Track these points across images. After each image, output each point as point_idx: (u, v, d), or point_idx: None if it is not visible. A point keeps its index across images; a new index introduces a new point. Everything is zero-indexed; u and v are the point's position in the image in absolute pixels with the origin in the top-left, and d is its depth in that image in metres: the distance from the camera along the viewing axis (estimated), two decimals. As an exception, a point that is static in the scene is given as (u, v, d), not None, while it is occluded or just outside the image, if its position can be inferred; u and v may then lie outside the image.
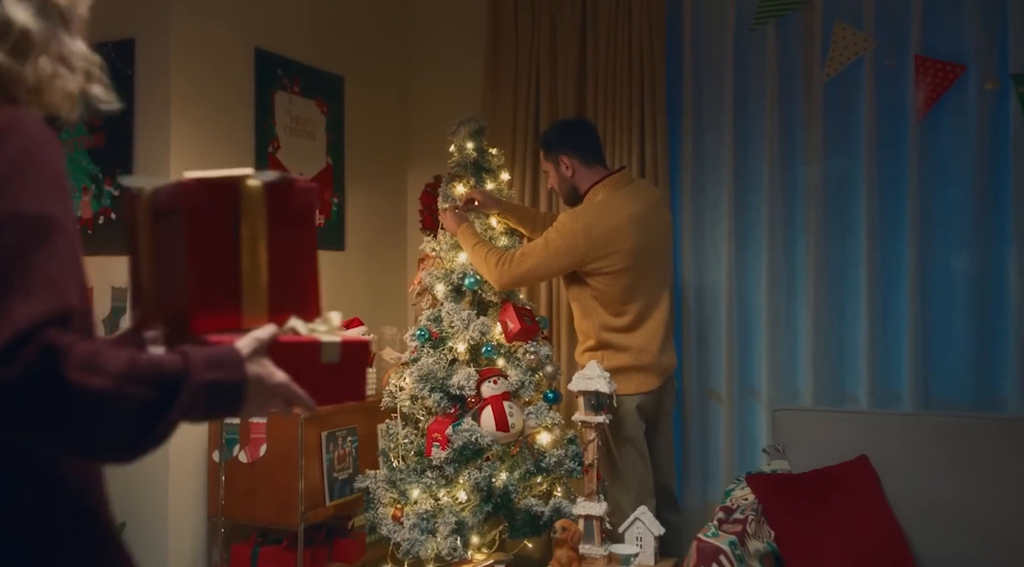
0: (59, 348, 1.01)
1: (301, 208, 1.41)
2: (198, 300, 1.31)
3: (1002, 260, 3.48)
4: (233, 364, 1.18)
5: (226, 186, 1.34)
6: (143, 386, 1.06)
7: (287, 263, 1.39)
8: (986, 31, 3.51)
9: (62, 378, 1.00)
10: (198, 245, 1.31)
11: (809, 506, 2.78)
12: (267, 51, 3.85)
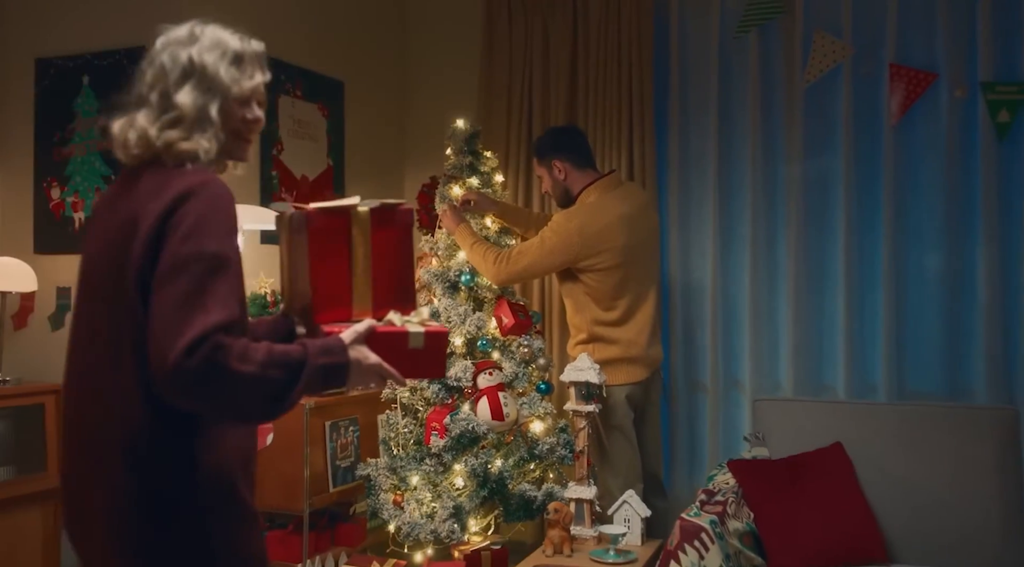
0: (224, 346, 1.43)
1: (400, 226, 1.86)
2: (320, 299, 1.77)
3: (972, 258, 3.67)
4: (339, 350, 1.59)
5: (341, 212, 1.80)
6: (278, 369, 1.48)
7: (388, 269, 1.83)
8: (957, 41, 3.70)
9: (226, 366, 1.43)
10: (320, 257, 1.78)
11: (786, 489, 2.95)
12: (271, 57, 3.98)
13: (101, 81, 3.70)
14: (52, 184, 3.80)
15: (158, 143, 1.58)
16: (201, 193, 1.53)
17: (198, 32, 1.70)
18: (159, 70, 1.65)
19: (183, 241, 1.48)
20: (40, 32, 3.84)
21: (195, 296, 1.44)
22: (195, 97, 1.62)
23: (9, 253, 3.78)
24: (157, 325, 1.44)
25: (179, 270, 1.46)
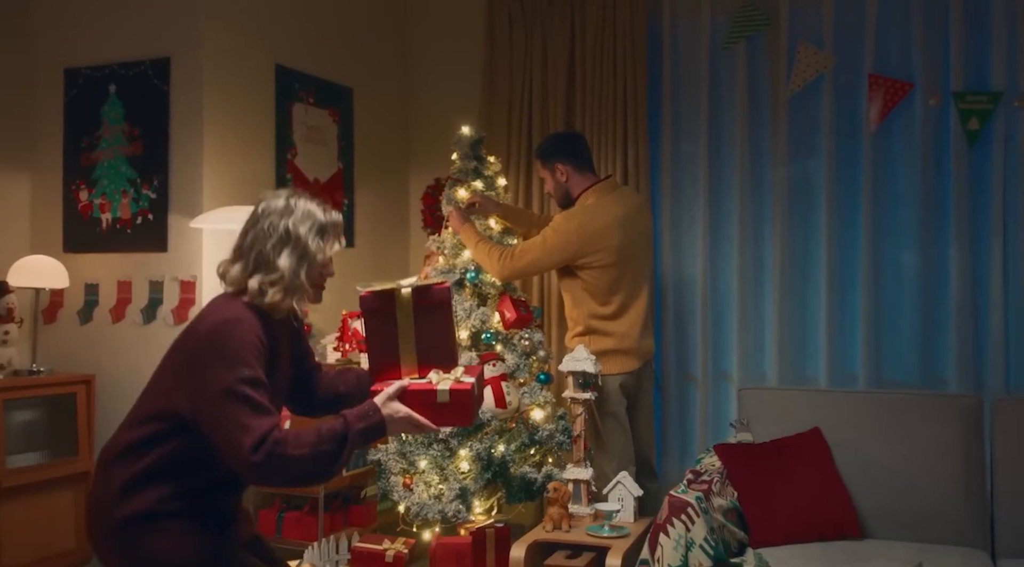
0: (280, 440, 1.89)
1: (437, 301, 2.24)
2: (373, 366, 2.24)
3: (944, 256, 3.91)
4: (373, 412, 2.04)
5: (387, 294, 2.22)
6: (327, 444, 1.95)
7: (430, 335, 2.22)
8: (931, 53, 3.93)
9: (285, 455, 1.89)
10: (373, 332, 2.24)
11: (768, 470, 3.19)
12: (286, 67, 4.24)
13: (127, 90, 3.93)
14: (80, 187, 4.03)
15: (262, 298, 2.04)
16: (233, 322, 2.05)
17: (292, 204, 2.11)
18: (260, 233, 2.08)
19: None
20: (69, 44, 4.07)
21: (249, 412, 1.93)
22: (291, 262, 2.06)
23: (39, 252, 4.02)
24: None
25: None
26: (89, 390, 3.79)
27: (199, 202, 3.78)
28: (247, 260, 2.06)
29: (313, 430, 1.96)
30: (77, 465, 3.73)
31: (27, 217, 4.14)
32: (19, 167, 4.11)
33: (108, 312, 3.95)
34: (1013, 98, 3.79)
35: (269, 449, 1.86)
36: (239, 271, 2.06)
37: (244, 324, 1.97)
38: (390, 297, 2.21)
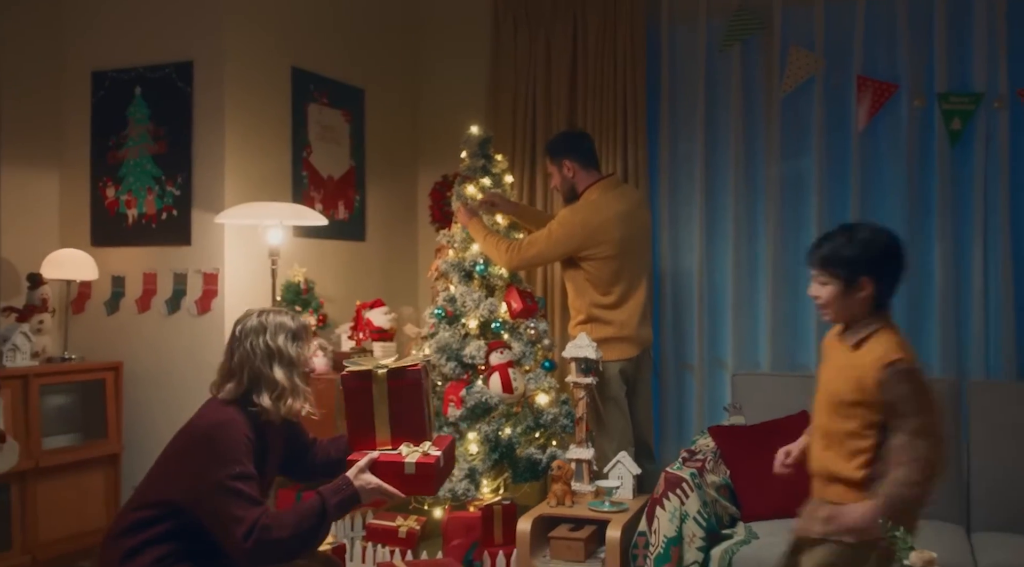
0: (267, 525, 2.16)
1: (410, 381, 2.47)
2: (351, 438, 2.49)
3: (929, 249, 4.11)
4: (346, 485, 2.31)
5: (365, 373, 2.47)
6: (307, 520, 2.22)
7: (402, 412, 2.45)
8: (916, 56, 4.12)
9: (271, 539, 2.16)
10: (351, 405, 2.47)
11: (758, 450, 3.38)
12: (302, 69, 4.44)
13: (152, 91, 4.14)
14: (107, 184, 4.24)
15: (279, 412, 2.32)
16: (227, 427, 2.30)
17: (264, 321, 2.38)
18: (244, 354, 2.33)
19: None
20: (96, 48, 4.27)
21: (236, 507, 2.20)
22: (283, 372, 2.33)
23: (68, 245, 4.22)
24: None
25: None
26: (117, 376, 4.00)
27: (221, 198, 3.99)
28: (240, 379, 2.32)
29: (292, 510, 2.26)
30: (107, 447, 3.94)
31: (56, 212, 4.35)
32: (48, 165, 4.31)
33: (134, 303, 4.16)
34: (993, 99, 3.98)
35: (258, 536, 2.14)
36: (234, 388, 2.32)
37: (236, 425, 2.25)
38: (367, 376, 2.47)
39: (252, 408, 2.30)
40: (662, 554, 3.00)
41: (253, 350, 2.33)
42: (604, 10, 4.59)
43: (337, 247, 4.66)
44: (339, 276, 4.64)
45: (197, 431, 2.28)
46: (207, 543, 2.24)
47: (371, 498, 2.37)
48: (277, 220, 3.82)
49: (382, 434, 2.45)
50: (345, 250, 4.73)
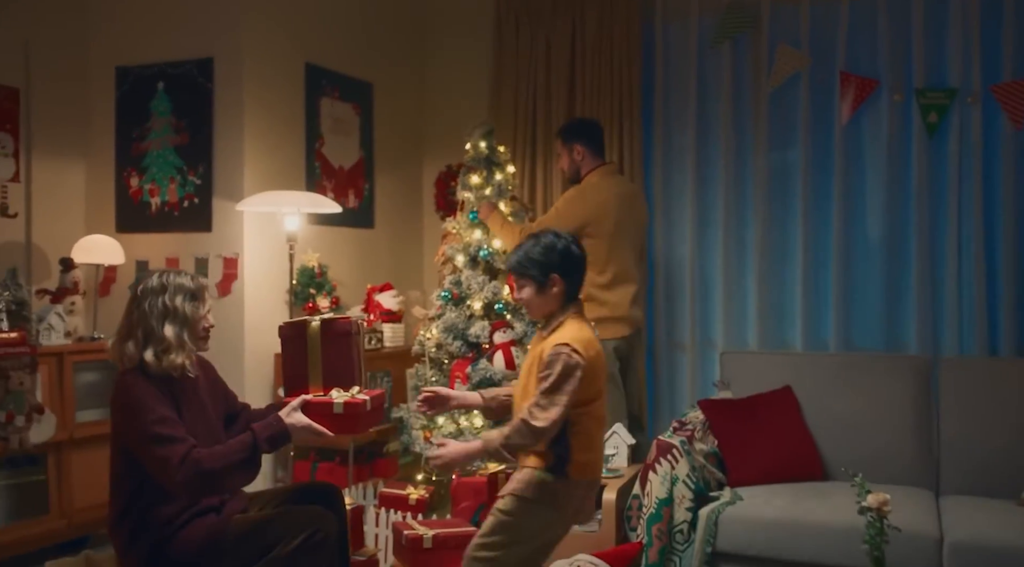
0: (196, 459, 2.37)
1: (341, 331, 2.71)
2: (287, 382, 2.71)
3: (907, 235, 4.36)
4: (277, 422, 2.55)
5: (300, 323, 2.74)
6: (238, 454, 2.45)
7: (334, 360, 2.67)
8: (895, 53, 4.37)
9: (203, 470, 2.37)
10: (287, 354, 2.73)
11: (744, 422, 3.66)
12: (315, 65, 4.68)
13: (174, 86, 4.38)
14: (131, 174, 4.48)
15: (161, 365, 2.49)
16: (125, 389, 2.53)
17: (166, 281, 2.58)
18: (139, 315, 2.54)
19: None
20: (120, 45, 4.51)
21: (160, 448, 2.42)
22: (174, 329, 2.52)
23: (94, 232, 4.47)
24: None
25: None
26: (143, 355, 4.24)
27: (240, 187, 4.23)
28: (136, 337, 2.51)
29: (225, 445, 2.47)
30: (134, 421, 4.19)
31: (82, 201, 4.59)
32: (75, 156, 4.55)
33: (157, 286, 4.40)
34: (967, 95, 4.22)
35: (189, 468, 2.35)
36: (132, 348, 2.50)
37: (138, 385, 2.46)
38: (302, 326, 2.70)
39: (156, 371, 2.50)
40: (654, 514, 3.26)
41: (150, 309, 2.52)
42: (601, 9, 4.83)
43: (348, 234, 4.90)
44: (350, 261, 4.89)
45: (113, 407, 2.52)
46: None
47: (301, 436, 2.58)
48: (295, 207, 4.07)
49: (315, 381, 2.67)
50: (355, 237, 4.98)
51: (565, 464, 2.53)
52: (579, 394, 2.48)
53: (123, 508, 2.49)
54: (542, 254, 2.60)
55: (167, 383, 2.51)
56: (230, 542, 2.51)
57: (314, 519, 2.59)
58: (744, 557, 3.17)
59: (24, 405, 3.61)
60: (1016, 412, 3.47)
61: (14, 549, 3.69)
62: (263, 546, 2.51)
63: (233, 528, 2.54)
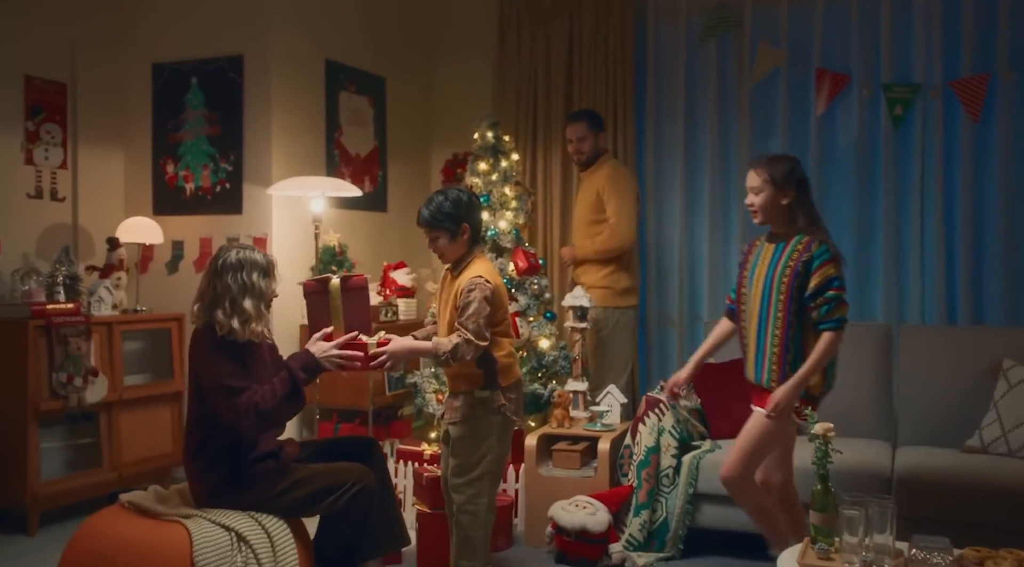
0: (256, 403, 2.83)
1: (358, 285, 3.10)
2: (312, 330, 3.08)
3: (875, 216, 4.79)
4: (305, 353, 2.99)
5: (324, 279, 3.11)
6: (282, 389, 2.89)
7: (352, 310, 3.07)
8: (865, 51, 4.79)
9: (262, 411, 2.84)
10: (312, 306, 3.11)
11: (724, 383, 4.06)
12: (334, 61, 5.09)
13: (207, 81, 4.79)
14: (167, 161, 4.90)
15: (244, 333, 2.90)
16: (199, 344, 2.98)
17: (243, 259, 2.94)
18: (223, 288, 2.90)
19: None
20: (156, 43, 4.92)
21: (223, 393, 2.87)
22: (252, 303, 2.92)
23: (132, 215, 4.88)
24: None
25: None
26: (180, 327, 4.66)
27: (269, 173, 4.65)
28: (224, 307, 2.89)
29: (270, 384, 2.89)
30: (173, 386, 4.62)
31: (121, 186, 5.01)
32: (114, 145, 4.97)
33: (192, 264, 4.83)
34: (929, 90, 4.65)
35: (253, 413, 2.81)
36: (222, 316, 2.88)
37: (214, 343, 2.88)
38: (324, 282, 3.10)
39: (224, 330, 2.89)
40: (643, 460, 3.70)
41: (231, 284, 2.89)
42: (597, 9, 5.25)
43: (364, 217, 5.33)
44: (366, 242, 5.31)
45: (194, 359, 2.94)
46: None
47: (331, 363, 2.96)
48: (320, 191, 4.49)
49: (337, 328, 3.06)
50: (370, 219, 5.40)
51: (495, 376, 3.04)
52: (492, 314, 2.97)
53: (198, 445, 2.92)
54: (453, 207, 3.07)
55: (238, 343, 2.93)
56: (287, 485, 2.94)
57: (359, 474, 3.02)
58: (722, 497, 3.58)
59: (81, 368, 4.04)
60: (966, 373, 3.89)
61: (72, 497, 4.13)
62: (315, 493, 2.96)
63: (290, 474, 2.98)
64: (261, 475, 2.93)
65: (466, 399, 3.07)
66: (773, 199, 3.00)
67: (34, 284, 4.07)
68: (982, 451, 3.63)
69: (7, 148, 4.39)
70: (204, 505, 2.92)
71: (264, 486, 2.92)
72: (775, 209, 3.02)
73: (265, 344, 3.07)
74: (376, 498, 3.07)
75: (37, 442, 3.95)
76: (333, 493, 2.96)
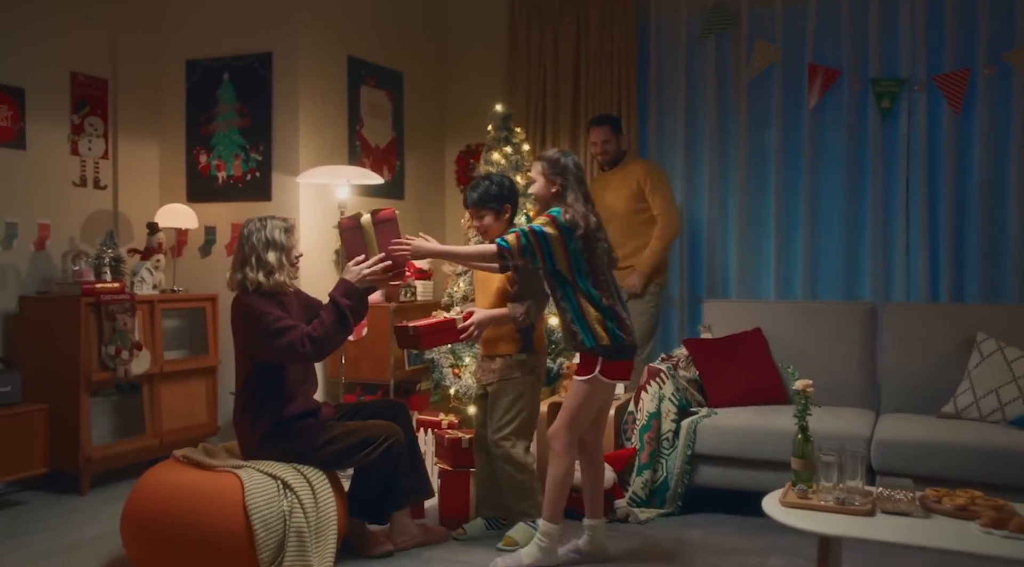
0: (309, 333, 3.23)
1: (386, 218, 3.43)
2: (349, 257, 3.41)
3: (863, 202, 5.12)
4: (346, 283, 3.34)
5: (356, 217, 3.44)
6: (329, 316, 3.29)
7: (385, 241, 3.38)
8: (855, 48, 5.11)
9: (318, 338, 3.24)
10: (348, 241, 3.45)
11: (721, 356, 4.40)
12: (355, 57, 5.42)
13: (237, 77, 5.12)
14: (200, 152, 5.23)
15: (269, 283, 3.29)
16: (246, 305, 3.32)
17: (263, 223, 3.37)
18: (249, 248, 3.31)
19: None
20: (190, 41, 5.25)
21: (281, 338, 3.25)
22: (276, 255, 3.31)
23: (168, 202, 5.22)
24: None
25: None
26: (214, 306, 5.00)
27: (296, 162, 4.98)
28: (251, 263, 3.29)
29: (318, 317, 3.27)
30: (208, 361, 4.95)
31: (156, 175, 5.34)
32: (150, 136, 5.30)
33: (224, 248, 5.17)
34: (914, 84, 4.98)
35: (310, 342, 3.18)
36: (250, 272, 3.28)
37: (254, 299, 3.26)
38: (356, 218, 3.45)
39: (264, 288, 3.28)
40: (645, 425, 4.03)
41: (256, 241, 3.31)
42: (602, 7, 5.56)
43: (382, 204, 5.64)
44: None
45: (238, 322, 3.30)
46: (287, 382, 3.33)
47: (363, 281, 3.31)
48: (345, 180, 4.82)
49: (371, 253, 3.37)
50: (388, 206, 5.72)
51: (531, 342, 3.54)
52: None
53: (245, 403, 3.27)
54: (498, 190, 3.51)
55: (273, 297, 3.29)
56: (324, 440, 3.29)
57: (389, 431, 3.37)
58: (717, 457, 3.94)
59: (128, 342, 4.38)
60: (943, 346, 4.20)
61: (118, 461, 4.48)
62: (350, 447, 3.31)
63: (327, 430, 3.32)
64: (302, 430, 3.27)
65: (505, 361, 3.51)
66: (544, 188, 3.31)
67: (83, 265, 4.41)
68: (956, 416, 3.95)
69: (56, 140, 4.72)
70: (251, 457, 3.26)
71: (305, 440, 3.26)
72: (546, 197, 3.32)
73: (290, 293, 3.41)
74: (404, 453, 3.41)
75: (88, 410, 4.30)
76: (366, 447, 3.30)
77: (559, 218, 3.15)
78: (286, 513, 3.06)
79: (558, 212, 3.17)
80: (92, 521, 3.91)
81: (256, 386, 3.26)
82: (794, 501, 2.69)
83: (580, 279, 3.17)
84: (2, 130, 4.42)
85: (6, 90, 4.45)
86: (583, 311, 3.17)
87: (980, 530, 2.42)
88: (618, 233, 5.01)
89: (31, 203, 4.56)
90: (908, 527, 2.50)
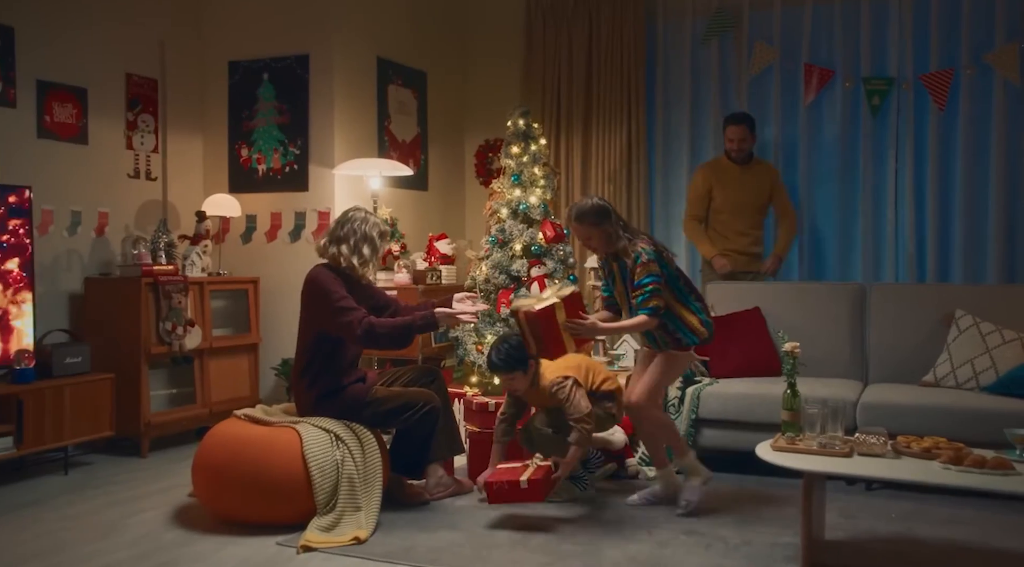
0: (371, 322, 3.63)
1: (573, 300, 3.73)
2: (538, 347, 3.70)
3: (855, 192, 5.53)
4: (432, 320, 3.73)
5: (550, 306, 3.68)
6: (400, 330, 3.68)
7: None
8: (847, 48, 5.51)
9: (375, 331, 3.62)
10: (546, 327, 3.64)
11: (723, 332, 4.81)
12: (384, 58, 5.84)
13: (276, 77, 5.54)
14: (242, 146, 5.66)
15: (356, 271, 3.74)
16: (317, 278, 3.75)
17: (368, 216, 3.80)
18: (350, 230, 3.74)
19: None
20: (232, 43, 5.68)
21: (339, 315, 3.65)
22: (369, 251, 3.75)
23: (212, 192, 5.65)
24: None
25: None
26: (256, 288, 5.43)
27: (331, 156, 5.41)
28: (349, 244, 3.71)
29: (395, 320, 3.68)
30: (250, 338, 5.39)
31: (200, 168, 5.77)
32: (194, 132, 5.73)
33: (264, 235, 5.60)
34: (902, 82, 5.38)
35: (365, 328, 3.55)
36: (346, 250, 3.70)
37: (328, 274, 3.67)
38: (551, 307, 3.65)
39: (337, 265, 3.71)
40: (653, 392, 4.44)
41: (356, 230, 3.74)
42: (613, 10, 5.97)
43: (409, 195, 6.08)
44: (411, 216, 6.07)
45: (310, 289, 3.71)
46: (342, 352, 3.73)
47: (447, 322, 3.79)
48: (378, 171, 5.24)
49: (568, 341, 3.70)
50: (414, 197, 6.16)
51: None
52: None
53: (303, 367, 3.70)
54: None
55: (346, 278, 3.70)
56: (371, 403, 3.71)
57: (427, 397, 3.81)
58: (719, 421, 4.35)
59: (182, 319, 4.81)
60: (925, 322, 4.60)
61: (172, 428, 4.91)
62: (393, 409, 3.74)
63: (374, 394, 3.75)
64: (352, 394, 3.70)
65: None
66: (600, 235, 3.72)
67: (142, 249, 4.84)
68: (935, 385, 4.36)
69: (114, 136, 5.16)
70: (307, 415, 3.70)
71: (354, 403, 3.69)
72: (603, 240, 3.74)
73: (362, 283, 3.84)
74: (440, 416, 3.84)
75: (148, 380, 4.73)
76: (408, 411, 3.73)
77: (651, 255, 3.61)
78: (339, 461, 3.49)
79: (638, 256, 3.60)
80: (155, 478, 4.35)
81: (315, 353, 3.69)
82: (783, 445, 3.11)
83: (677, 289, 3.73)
84: (69, 127, 4.86)
85: (72, 90, 4.88)
86: (680, 316, 3.72)
87: (940, 466, 2.84)
88: (744, 224, 5.33)
89: (92, 193, 4.99)
90: (880, 465, 2.92)
